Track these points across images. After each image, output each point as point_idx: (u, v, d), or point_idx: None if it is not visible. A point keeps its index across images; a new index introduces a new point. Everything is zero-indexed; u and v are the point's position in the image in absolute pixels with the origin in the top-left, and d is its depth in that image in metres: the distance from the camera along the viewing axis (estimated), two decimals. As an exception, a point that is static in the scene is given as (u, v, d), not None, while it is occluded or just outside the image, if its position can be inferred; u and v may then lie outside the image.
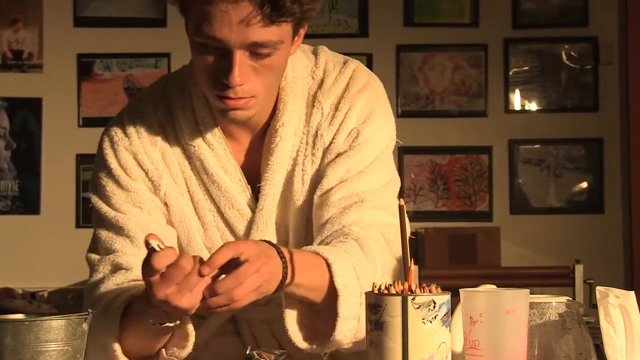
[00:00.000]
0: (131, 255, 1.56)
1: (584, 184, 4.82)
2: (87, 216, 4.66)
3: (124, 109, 1.72)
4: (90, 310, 1.30)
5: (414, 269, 1.29)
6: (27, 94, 4.74)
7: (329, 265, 1.43)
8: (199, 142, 1.58)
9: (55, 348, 1.23)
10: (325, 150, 1.59)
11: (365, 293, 1.24)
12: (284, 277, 1.36)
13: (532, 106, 4.87)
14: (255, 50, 1.43)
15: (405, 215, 1.34)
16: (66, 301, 4.31)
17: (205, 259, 1.42)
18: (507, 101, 4.85)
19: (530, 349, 1.33)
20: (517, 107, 4.86)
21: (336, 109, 1.60)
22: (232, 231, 1.60)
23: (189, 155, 1.59)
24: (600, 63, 4.84)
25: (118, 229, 1.59)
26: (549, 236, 4.76)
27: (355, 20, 4.82)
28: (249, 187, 1.60)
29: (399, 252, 1.48)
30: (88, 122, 4.74)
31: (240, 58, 1.42)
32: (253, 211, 1.59)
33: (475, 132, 4.82)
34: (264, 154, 1.58)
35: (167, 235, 1.57)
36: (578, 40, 4.85)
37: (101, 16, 4.77)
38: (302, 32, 1.55)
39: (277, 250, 1.36)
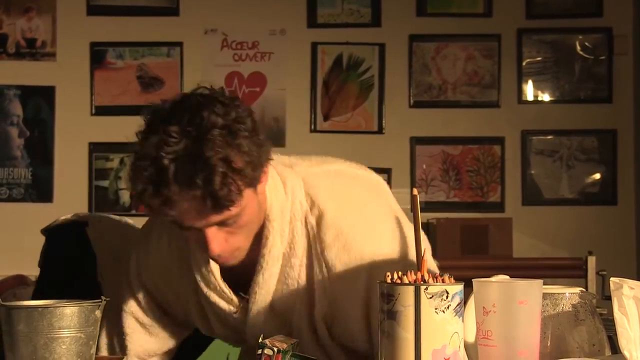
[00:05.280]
0: None
1: (597, 176, 4.80)
2: (100, 204, 4.68)
3: (145, 233, 1.83)
4: (103, 298, 1.30)
5: (426, 259, 1.29)
6: (40, 82, 4.75)
7: None
8: (197, 265, 1.68)
9: (68, 335, 1.23)
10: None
11: (379, 282, 1.24)
12: None
13: (545, 97, 4.85)
14: (222, 224, 1.52)
15: (418, 205, 1.34)
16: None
17: None
18: (520, 92, 4.83)
19: (543, 339, 1.33)
20: (530, 97, 4.84)
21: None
22: (234, 333, 1.75)
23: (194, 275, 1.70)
24: (614, 54, 4.81)
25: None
26: (562, 227, 4.74)
27: (367, 9, 4.80)
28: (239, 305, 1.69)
29: None
30: (101, 111, 4.75)
31: (212, 232, 1.52)
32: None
33: (488, 123, 4.81)
34: (254, 282, 1.65)
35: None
36: (592, 30, 4.83)
37: (114, 5, 4.77)
38: (265, 171, 1.58)
39: None
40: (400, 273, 1.24)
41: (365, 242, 1.62)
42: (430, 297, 1.19)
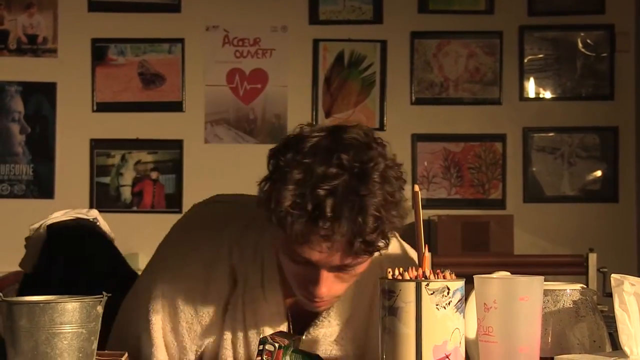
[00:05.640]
0: None
1: (598, 173, 4.80)
2: (101, 201, 4.68)
3: (192, 234, 1.69)
4: (104, 293, 1.30)
5: (428, 255, 1.29)
6: (42, 78, 4.75)
7: None
8: (259, 296, 1.60)
9: (70, 330, 1.23)
10: None
11: (380, 279, 1.24)
12: None
13: (547, 94, 4.84)
14: (342, 268, 1.48)
15: (420, 201, 1.34)
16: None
17: None
18: (521, 89, 4.83)
19: (544, 336, 1.33)
20: (532, 95, 4.84)
21: None
22: None
23: (244, 302, 1.61)
24: (616, 51, 4.81)
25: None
26: (563, 225, 4.74)
27: (369, 6, 4.80)
28: None
29: None
30: (102, 107, 4.75)
31: (327, 274, 1.47)
32: None
33: (489, 120, 4.81)
34: (308, 329, 1.62)
35: None
36: (594, 27, 4.83)
37: (115, 1, 4.77)
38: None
39: None
40: (401, 269, 1.24)
41: None
42: (432, 294, 1.19)
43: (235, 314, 1.61)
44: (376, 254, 1.51)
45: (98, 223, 2.09)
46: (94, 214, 2.13)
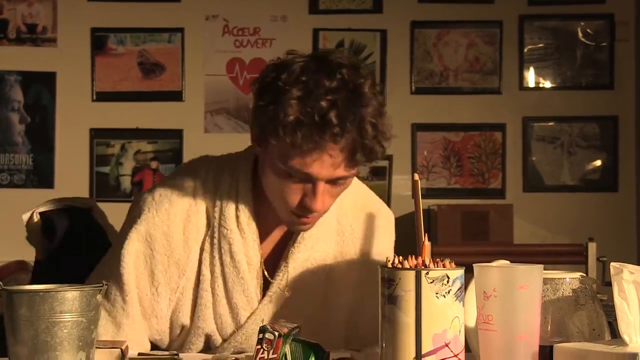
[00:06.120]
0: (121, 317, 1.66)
1: (598, 162, 4.80)
2: (101, 190, 4.68)
3: (176, 179, 1.76)
4: (104, 282, 1.31)
5: (427, 244, 1.29)
6: (41, 68, 4.74)
7: None
8: (233, 227, 1.66)
9: (70, 319, 1.24)
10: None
11: (380, 267, 1.25)
12: None
13: (547, 83, 4.84)
14: (336, 182, 1.58)
15: (419, 190, 1.34)
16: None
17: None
18: (521, 78, 4.82)
19: (544, 324, 1.33)
20: (532, 84, 4.83)
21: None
22: (233, 315, 1.68)
23: (217, 236, 1.67)
24: (616, 40, 4.80)
25: (122, 290, 1.66)
26: (562, 214, 4.74)
27: (369, -5, 4.79)
28: (263, 278, 1.70)
29: None
30: (102, 97, 4.74)
31: (323, 187, 1.56)
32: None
33: (489, 110, 4.80)
34: (285, 257, 1.69)
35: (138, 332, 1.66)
36: (594, 17, 4.82)
37: (115, -10, 4.76)
38: None
39: None
40: (401, 258, 1.24)
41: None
42: (431, 282, 1.19)
43: (213, 251, 1.66)
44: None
45: (92, 212, 2.08)
46: (88, 202, 2.11)
